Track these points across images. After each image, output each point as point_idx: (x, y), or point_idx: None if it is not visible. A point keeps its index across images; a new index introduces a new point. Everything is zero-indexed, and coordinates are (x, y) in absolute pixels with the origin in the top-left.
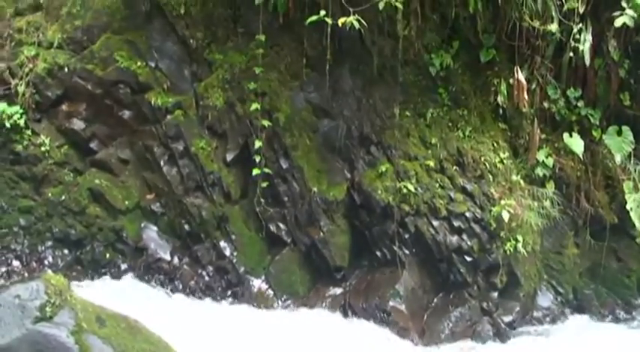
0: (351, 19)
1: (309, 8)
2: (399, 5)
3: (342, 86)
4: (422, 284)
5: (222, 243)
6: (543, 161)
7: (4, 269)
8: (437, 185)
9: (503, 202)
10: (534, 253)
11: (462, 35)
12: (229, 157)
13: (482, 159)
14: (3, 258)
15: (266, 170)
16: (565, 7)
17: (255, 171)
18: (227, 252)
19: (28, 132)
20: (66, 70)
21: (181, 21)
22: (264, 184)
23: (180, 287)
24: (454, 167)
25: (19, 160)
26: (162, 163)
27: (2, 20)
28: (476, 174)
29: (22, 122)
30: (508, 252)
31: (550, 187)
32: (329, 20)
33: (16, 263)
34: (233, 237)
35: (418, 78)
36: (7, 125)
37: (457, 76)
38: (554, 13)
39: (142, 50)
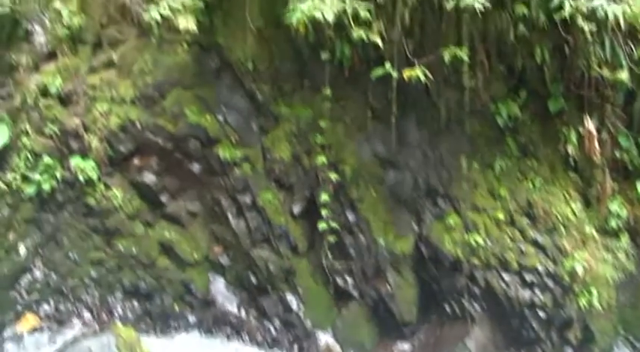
0: (417, 71)
1: (374, 61)
2: (465, 57)
3: (408, 138)
4: (493, 340)
5: (289, 296)
6: (616, 212)
7: (75, 320)
8: (507, 238)
9: (576, 255)
10: (610, 308)
11: (529, 85)
12: (296, 210)
13: (554, 210)
14: (74, 309)
15: (332, 223)
16: (635, 54)
17: (322, 225)
18: (294, 306)
19: (101, 185)
20: (138, 125)
21: (249, 76)
22: (331, 238)
23: (248, 340)
24: (524, 219)
25: (91, 213)
26: (230, 216)
27: (77, 77)
28: (547, 226)
29: (95, 176)
30: (582, 307)
31: (624, 239)
32: (394, 73)
33: (86, 314)
34: (300, 290)
35: (485, 128)
36: (81, 179)
37: (525, 125)
38: (623, 61)
39: (211, 105)
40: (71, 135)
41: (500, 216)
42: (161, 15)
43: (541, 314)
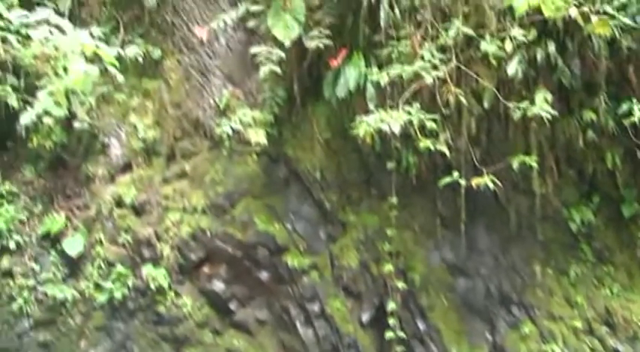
0: (485, 179)
1: (441, 169)
2: (534, 164)
3: (478, 244)
4: None
5: None
6: None
7: None
8: (586, 347)
9: None
10: None
11: (601, 190)
12: (365, 318)
13: (634, 318)
14: None
15: (400, 332)
16: None
17: (389, 334)
18: None
19: (171, 293)
20: (208, 233)
21: (317, 185)
22: (399, 348)
23: None
24: (603, 327)
25: (161, 321)
26: (298, 324)
27: (151, 188)
28: (627, 334)
29: (165, 284)
30: None
31: None
32: (462, 182)
33: None
34: None
35: (558, 234)
36: (152, 287)
37: (600, 231)
38: None
39: (280, 213)
40: (144, 244)
41: (578, 324)
42: (232, 128)
43: None
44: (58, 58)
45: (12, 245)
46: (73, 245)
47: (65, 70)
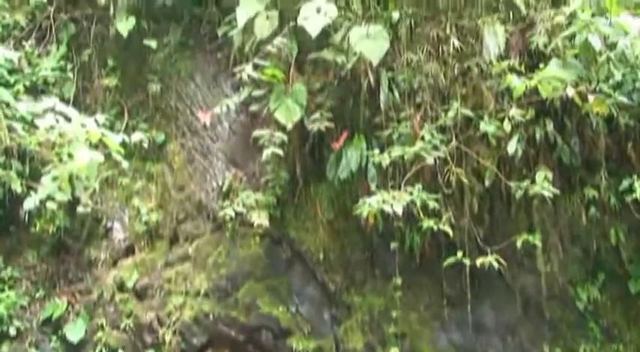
0: (490, 258)
1: (445, 248)
2: (538, 242)
3: (485, 324)
4: None
5: None
6: None
7: None
8: None
9: None
10: None
11: (606, 266)
12: None
13: None
14: None
15: None
16: None
17: None
18: None
19: None
20: (211, 317)
21: (321, 266)
22: None
23: None
24: None
25: None
26: None
27: (154, 271)
28: None
29: None
30: None
31: None
32: (467, 261)
33: None
34: None
35: (565, 313)
36: None
37: (607, 308)
38: None
39: (284, 295)
40: (146, 329)
41: None
42: (235, 211)
43: None
44: (63, 145)
45: (12, 331)
46: (75, 331)
47: (70, 156)
